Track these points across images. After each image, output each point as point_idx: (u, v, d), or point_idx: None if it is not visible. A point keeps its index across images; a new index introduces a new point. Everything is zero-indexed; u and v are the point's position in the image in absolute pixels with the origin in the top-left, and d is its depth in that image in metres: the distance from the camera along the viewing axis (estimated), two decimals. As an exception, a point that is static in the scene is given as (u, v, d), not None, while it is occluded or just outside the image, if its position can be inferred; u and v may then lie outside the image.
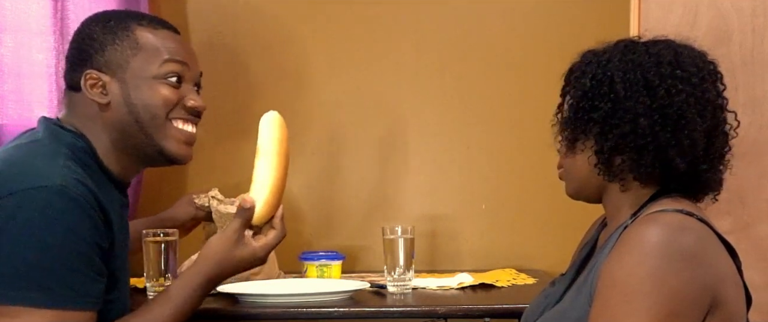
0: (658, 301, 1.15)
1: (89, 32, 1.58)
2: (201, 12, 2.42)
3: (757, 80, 1.91)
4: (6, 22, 2.06)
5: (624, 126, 1.29)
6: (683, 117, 1.28)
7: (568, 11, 2.40)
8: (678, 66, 1.30)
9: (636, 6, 1.94)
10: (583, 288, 1.29)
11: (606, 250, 1.29)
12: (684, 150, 1.28)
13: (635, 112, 1.28)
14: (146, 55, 1.57)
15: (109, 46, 1.55)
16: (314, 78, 2.45)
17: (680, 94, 1.28)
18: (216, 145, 2.43)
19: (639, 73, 1.30)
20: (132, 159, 1.60)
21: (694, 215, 1.24)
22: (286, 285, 1.99)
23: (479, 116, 2.42)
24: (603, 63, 1.33)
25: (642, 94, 1.29)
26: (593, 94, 1.32)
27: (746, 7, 1.91)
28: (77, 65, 1.57)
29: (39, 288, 1.36)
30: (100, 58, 1.55)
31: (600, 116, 1.31)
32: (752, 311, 1.35)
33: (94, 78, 1.55)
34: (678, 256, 1.17)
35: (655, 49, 1.33)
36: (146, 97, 1.56)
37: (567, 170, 1.41)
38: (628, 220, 1.30)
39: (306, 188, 2.44)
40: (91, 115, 1.56)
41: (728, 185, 1.49)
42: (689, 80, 1.30)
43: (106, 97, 1.55)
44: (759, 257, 1.90)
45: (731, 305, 1.23)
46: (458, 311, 1.79)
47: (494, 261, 2.36)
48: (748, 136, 1.91)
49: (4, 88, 2.05)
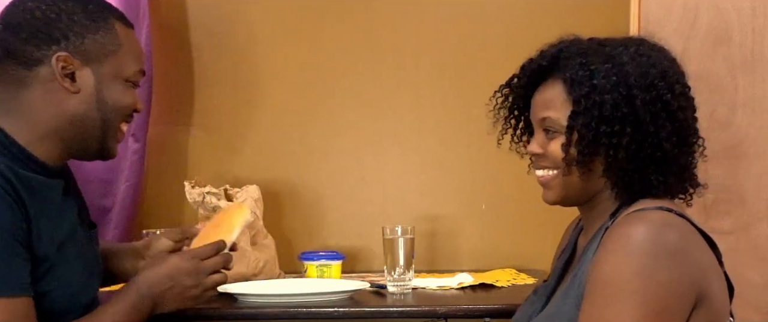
0: (646, 299, 1.16)
1: (64, 10, 1.47)
2: (201, 12, 2.42)
3: (757, 80, 1.91)
4: (6, 22, 2.06)
5: (647, 147, 1.29)
6: (694, 133, 1.33)
7: (568, 11, 2.40)
8: (679, 79, 1.32)
9: (636, 6, 1.94)
10: (570, 291, 1.29)
11: (590, 252, 1.30)
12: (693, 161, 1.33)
13: (657, 136, 1.28)
14: (124, 56, 1.52)
15: (90, 34, 1.48)
16: (314, 78, 2.44)
17: (687, 111, 1.32)
18: (215, 144, 2.43)
19: (653, 93, 1.29)
20: (63, 149, 1.52)
21: (674, 211, 1.25)
22: (286, 285, 1.99)
23: (479, 116, 2.41)
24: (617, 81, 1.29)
25: (661, 117, 1.29)
26: (612, 118, 1.28)
27: (746, 7, 1.91)
28: (41, 41, 1.46)
29: None
30: (77, 43, 1.47)
31: (624, 142, 1.28)
32: (752, 311, 1.36)
33: (67, 61, 1.46)
34: (664, 253, 1.18)
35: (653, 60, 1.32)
36: (118, 98, 1.51)
37: (558, 178, 1.37)
38: (608, 221, 1.31)
39: (306, 187, 2.43)
40: (38, 99, 1.46)
41: (728, 184, 1.50)
42: (687, 94, 1.33)
43: (75, 85, 1.47)
44: (759, 257, 1.90)
45: (716, 298, 1.24)
46: (458, 311, 1.79)
47: (494, 261, 2.36)
48: (748, 136, 1.91)
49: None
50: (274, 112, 2.43)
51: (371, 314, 1.80)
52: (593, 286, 1.20)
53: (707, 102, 1.91)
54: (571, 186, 1.36)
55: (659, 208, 1.25)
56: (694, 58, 1.91)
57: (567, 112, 1.32)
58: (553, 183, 1.38)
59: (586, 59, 1.32)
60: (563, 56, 1.35)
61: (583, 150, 1.31)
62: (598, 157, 1.31)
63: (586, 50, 1.34)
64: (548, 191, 1.39)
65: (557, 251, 1.56)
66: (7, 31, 1.47)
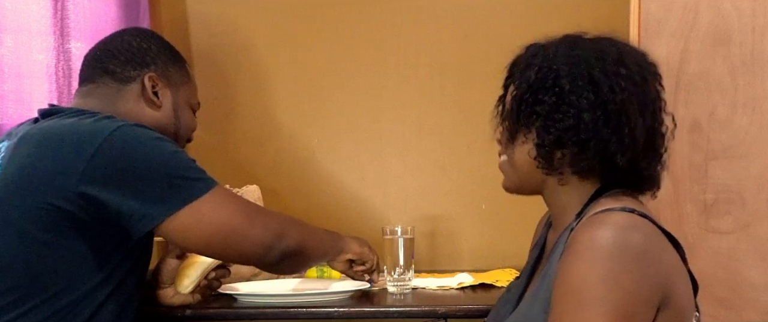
0: (613, 304, 1.16)
1: (154, 44, 1.79)
2: (201, 13, 2.43)
3: (757, 80, 1.91)
4: (6, 22, 2.06)
5: (567, 120, 1.30)
6: (625, 114, 1.29)
7: (567, 11, 2.40)
8: (622, 64, 1.32)
9: (636, 6, 1.94)
10: (538, 295, 1.30)
11: (556, 254, 1.30)
12: (624, 146, 1.30)
13: (579, 107, 1.29)
14: (192, 88, 1.86)
15: (172, 65, 1.79)
16: (314, 78, 2.45)
17: (623, 92, 1.30)
18: (215, 145, 2.43)
19: (584, 68, 1.30)
20: None
21: (636, 211, 1.25)
22: (286, 285, 1.99)
23: (479, 116, 2.41)
24: (548, 56, 1.33)
25: (587, 90, 1.29)
26: (538, 87, 1.32)
27: (746, 7, 1.91)
28: (135, 64, 1.75)
29: (205, 175, 1.59)
30: (162, 69, 1.77)
31: (544, 110, 1.31)
32: (752, 311, 1.36)
33: (155, 81, 1.75)
34: (629, 256, 1.18)
35: (599, 45, 1.34)
36: (188, 119, 1.83)
37: (506, 162, 1.41)
38: (573, 222, 1.31)
39: (306, 187, 2.44)
40: (129, 108, 1.72)
41: (728, 184, 1.50)
42: (632, 79, 1.31)
43: (159, 101, 1.76)
44: (759, 257, 1.90)
45: (681, 297, 1.24)
46: (458, 311, 1.79)
47: (494, 261, 2.36)
48: (748, 136, 1.91)
49: (4, 88, 2.05)
50: (275, 112, 2.43)
51: (371, 314, 1.80)
52: (560, 293, 1.21)
53: (707, 102, 1.91)
54: (515, 170, 1.40)
55: (623, 209, 1.25)
56: (694, 58, 1.91)
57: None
58: (504, 168, 1.43)
59: (535, 51, 1.37)
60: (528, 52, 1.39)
61: (509, 127, 1.36)
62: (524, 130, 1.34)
63: (545, 45, 1.37)
64: (504, 177, 1.44)
65: (531, 245, 1.56)
66: (107, 55, 1.76)
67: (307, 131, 2.43)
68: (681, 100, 1.89)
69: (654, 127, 1.34)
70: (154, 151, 1.54)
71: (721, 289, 1.90)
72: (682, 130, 1.43)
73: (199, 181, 1.57)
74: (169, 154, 1.55)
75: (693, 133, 1.91)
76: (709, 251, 1.89)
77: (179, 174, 1.54)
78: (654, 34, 1.93)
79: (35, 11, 2.08)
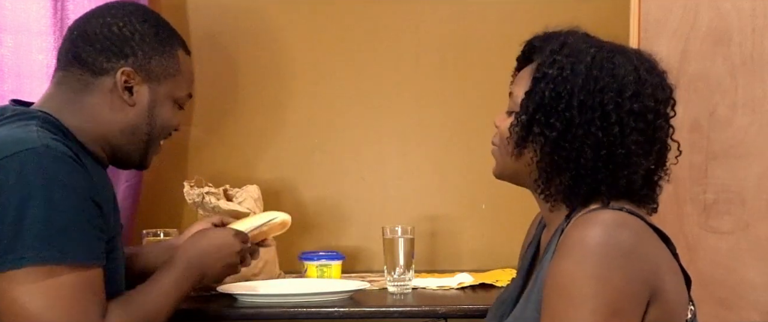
0: (602, 302, 1.17)
1: (138, 31, 1.58)
2: (201, 12, 2.42)
3: (757, 80, 1.91)
4: (6, 22, 2.07)
5: (569, 151, 1.29)
6: (629, 158, 1.29)
7: (568, 12, 2.39)
8: (638, 98, 1.29)
9: (636, 6, 1.95)
10: (531, 296, 1.30)
11: (548, 255, 1.30)
12: (619, 189, 1.29)
13: (583, 142, 1.28)
14: (180, 81, 1.64)
15: (156, 56, 1.59)
16: (314, 78, 2.44)
17: (632, 134, 1.28)
18: (215, 144, 2.43)
19: (598, 100, 1.28)
20: (107, 154, 1.61)
21: (625, 209, 1.26)
22: (286, 285, 1.99)
23: (479, 116, 2.41)
24: (567, 76, 1.30)
25: (595, 126, 1.28)
26: (549, 110, 1.30)
27: (746, 7, 1.91)
28: (110, 54, 1.57)
29: (49, 247, 1.37)
30: (142, 61, 1.58)
31: (551, 136, 1.30)
32: (753, 311, 1.36)
33: (130, 76, 1.57)
34: (617, 253, 1.19)
35: (622, 69, 1.30)
36: (166, 117, 1.63)
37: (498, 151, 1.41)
38: (564, 223, 1.31)
39: (306, 187, 2.43)
40: (97, 104, 1.57)
41: (728, 184, 1.50)
42: (645, 117, 1.29)
43: (132, 99, 1.58)
44: (759, 257, 1.90)
45: (671, 292, 1.24)
46: (458, 311, 1.79)
47: (494, 261, 2.36)
48: (748, 136, 1.91)
49: (4, 88, 2.05)
50: (274, 112, 2.43)
51: (371, 314, 1.80)
52: (550, 292, 1.22)
53: (707, 102, 1.91)
54: (506, 164, 1.40)
55: (612, 207, 1.26)
56: (694, 58, 1.91)
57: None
58: (495, 155, 1.43)
59: (559, 49, 1.33)
60: (546, 40, 1.37)
61: (516, 131, 1.34)
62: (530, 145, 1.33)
63: (566, 41, 1.35)
64: (495, 164, 1.43)
65: (523, 245, 1.56)
66: (81, 39, 1.58)
67: (307, 131, 2.43)
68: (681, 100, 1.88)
69: (656, 165, 1.34)
70: (35, 196, 1.37)
71: (721, 289, 1.90)
72: (682, 130, 1.43)
73: (43, 250, 1.36)
74: (42, 207, 1.37)
75: (693, 133, 1.91)
76: (709, 251, 1.89)
77: (32, 232, 1.36)
78: (654, 34, 1.93)
79: (35, 11, 2.08)
